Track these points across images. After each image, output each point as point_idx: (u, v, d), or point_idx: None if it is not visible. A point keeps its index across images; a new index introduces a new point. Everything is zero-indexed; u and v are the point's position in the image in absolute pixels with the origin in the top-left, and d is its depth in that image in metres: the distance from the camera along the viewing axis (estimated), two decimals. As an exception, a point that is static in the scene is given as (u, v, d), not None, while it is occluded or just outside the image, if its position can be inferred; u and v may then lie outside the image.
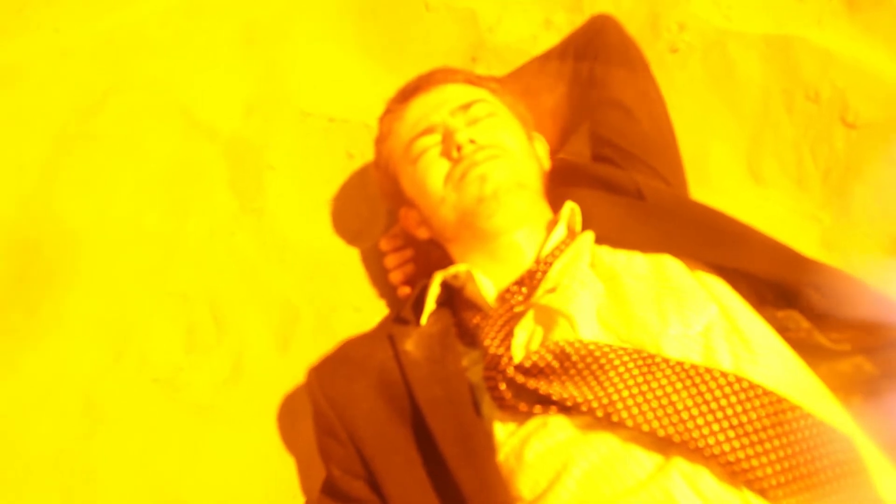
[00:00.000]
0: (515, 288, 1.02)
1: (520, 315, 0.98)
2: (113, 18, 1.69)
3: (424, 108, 1.14)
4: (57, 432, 1.25)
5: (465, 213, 1.06)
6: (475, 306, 1.04)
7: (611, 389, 0.83)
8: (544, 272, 1.01)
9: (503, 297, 1.02)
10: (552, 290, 0.98)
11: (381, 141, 1.22)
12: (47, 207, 1.43)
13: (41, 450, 1.24)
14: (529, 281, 1.02)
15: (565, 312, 0.93)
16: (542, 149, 1.22)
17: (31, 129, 1.51)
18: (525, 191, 1.08)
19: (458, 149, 1.06)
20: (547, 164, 1.22)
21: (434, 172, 1.09)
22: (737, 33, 1.47)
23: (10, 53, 1.64)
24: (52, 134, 1.50)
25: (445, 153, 1.08)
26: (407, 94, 1.19)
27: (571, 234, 1.07)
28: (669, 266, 0.99)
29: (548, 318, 0.95)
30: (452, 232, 1.11)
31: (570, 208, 1.07)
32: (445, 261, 1.14)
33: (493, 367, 0.92)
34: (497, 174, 1.05)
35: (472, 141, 1.06)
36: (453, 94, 1.15)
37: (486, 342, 0.95)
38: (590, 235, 1.05)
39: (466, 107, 1.12)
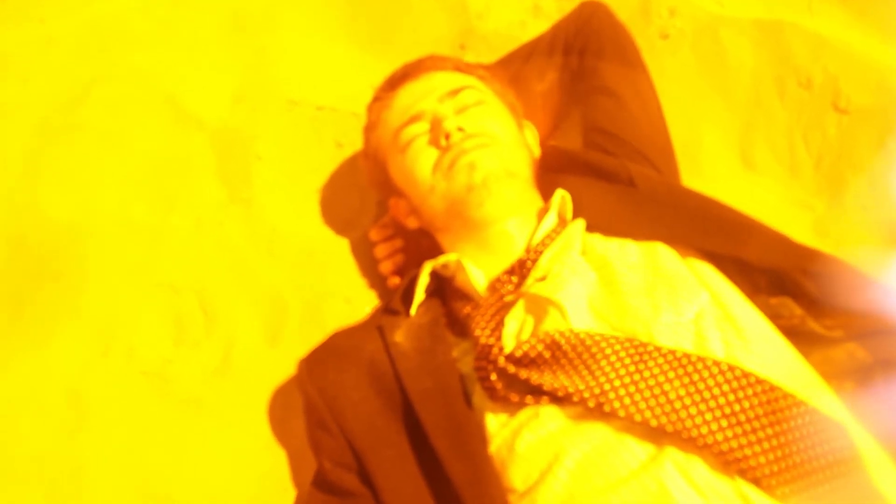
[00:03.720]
0: (506, 277, 1.01)
1: (510, 304, 0.96)
2: (98, 7, 1.67)
3: (412, 96, 1.13)
4: (43, 427, 1.24)
5: (455, 201, 1.05)
6: (465, 296, 1.03)
7: (602, 379, 0.83)
8: (534, 261, 1.00)
9: (493, 287, 1.01)
10: (542, 279, 0.97)
11: (369, 129, 1.21)
12: (31, 200, 1.41)
13: (27, 445, 1.22)
14: (520, 270, 1.01)
15: (556, 301, 0.92)
16: (531, 136, 1.21)
17: (15, 119, 1.49)
18: (514, 179, 1.06)
19: (447, 136, 1.05)
20: (537, 151, 1.20)
21: (422, 161, 1.07)
22: (728, 19, 1.46)
23: (-5, 44, 1.62)
24: (36, 125, 1.48)
25: (434, 141, 1.07)
26: (395, 81, 1.18)
27: (562, 222, 1.05)
28: (661, 253, 0.98)
29: (538, 307, 0.94)
30: (442, 221, 1.10)
31: (561, 196, 1.06)
32: (435, 250, 1.13)
33: (484, 357, 0.91)
34: (486, 162, 1.03)
35: (460, 129, 1.05)
36: (441, 81, 1.14)
37: (477, 332, 0.94)
38: (581, 223, 1.04)
39: (455, 93, 1.11)
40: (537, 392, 0.86)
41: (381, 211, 1.37)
